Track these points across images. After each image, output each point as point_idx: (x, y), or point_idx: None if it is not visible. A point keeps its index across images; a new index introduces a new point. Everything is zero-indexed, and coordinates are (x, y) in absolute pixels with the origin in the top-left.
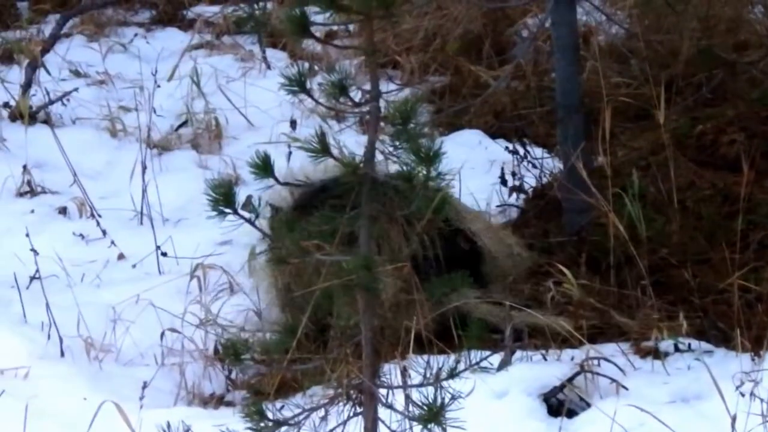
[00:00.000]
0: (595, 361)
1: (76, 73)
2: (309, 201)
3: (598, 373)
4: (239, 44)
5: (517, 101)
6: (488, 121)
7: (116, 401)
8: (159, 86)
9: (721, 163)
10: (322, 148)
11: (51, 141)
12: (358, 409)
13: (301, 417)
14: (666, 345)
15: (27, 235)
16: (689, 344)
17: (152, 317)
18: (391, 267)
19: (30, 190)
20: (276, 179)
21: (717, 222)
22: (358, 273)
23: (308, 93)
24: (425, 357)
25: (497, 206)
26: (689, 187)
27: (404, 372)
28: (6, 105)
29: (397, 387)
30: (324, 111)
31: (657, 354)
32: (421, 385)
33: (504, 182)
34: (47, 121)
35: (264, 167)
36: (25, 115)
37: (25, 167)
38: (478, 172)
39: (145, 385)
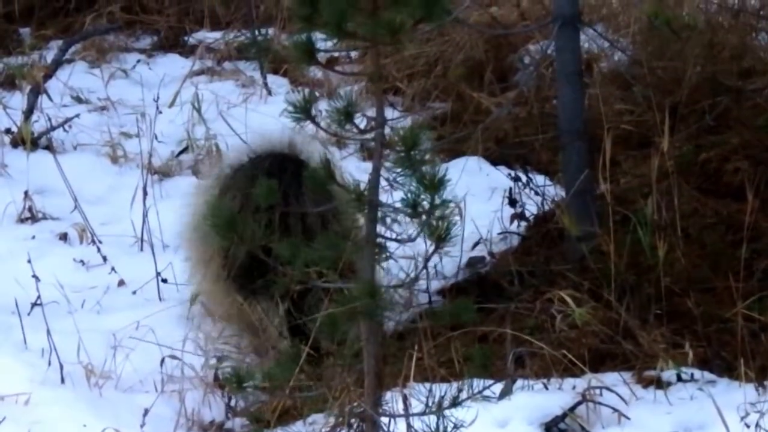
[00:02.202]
0: (597, 391)
1: (78, 99)
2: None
3: (600, 403)
4: (240, 70)
5: (519, 128)
6: (489, 147)
7: (117, 428)
8: (161, 112)
9: (725, 191)
10: (327, 174)
11: (52, 167)
12: None
13: None
14: (669, 374)
15: (29, 261)
16: (692, 374)
17: (152, 344)
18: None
19: (31, 216)
20: (285, 203)
21: (721, 250)
22: (362, 301)
23: (314, 120)
24: (427, 385)
25: (499, 233)
26: (693, 215)
27: (406, 400)
28: (8, 131)
29: (399, 415)
30: (325, 137)
31: (660, 383)
32: (423, 413)
33: (512, 203)
34: (49, 147)
35: (269, 193)
36: (26, 141)
37: (26, 193)
38: (480, 198)
39: (146, 412)
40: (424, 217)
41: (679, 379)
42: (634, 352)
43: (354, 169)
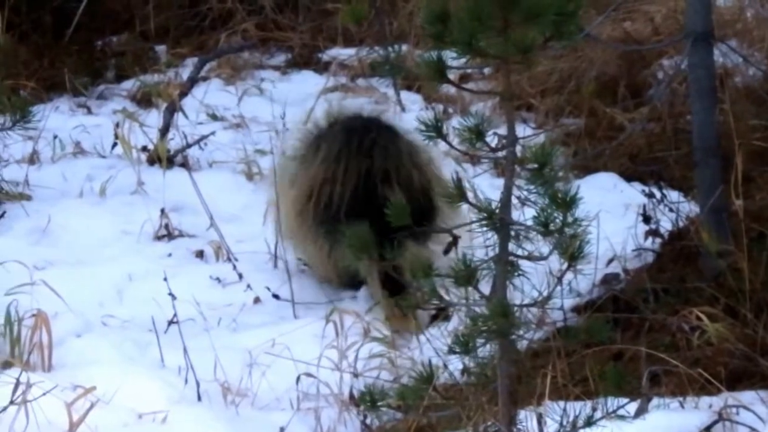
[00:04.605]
0: (734, 410)
1: (213, 117)
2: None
3: (737, 422)
4: (374, 87)
5: (653, 144)
6: (623, 163)
7: None
8: None
9: None
10: (458, 193)
11: (188, 184)
12: None
13: None
14: None
15: (165, 279)
16: None
17: (288, 361)
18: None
19: (167, 234)
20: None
21: None
22: (495, 320)
23: (445, 139)
24: (562, 403)
25: (633, 250)
26: None
27: (541, 419)
28: (144, 148)
29: None
30: (457, 154)
31: None
32: None
33: (646, 219)
34: (185, 165)
35: (401, 213)
36: (163, 159)
37: (162, 211)
38: (614, 215)
39: (281, 430)
40: (556, 235)
41: None
42: None
43: (487, 186)
